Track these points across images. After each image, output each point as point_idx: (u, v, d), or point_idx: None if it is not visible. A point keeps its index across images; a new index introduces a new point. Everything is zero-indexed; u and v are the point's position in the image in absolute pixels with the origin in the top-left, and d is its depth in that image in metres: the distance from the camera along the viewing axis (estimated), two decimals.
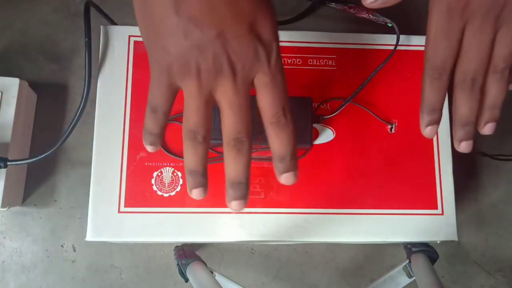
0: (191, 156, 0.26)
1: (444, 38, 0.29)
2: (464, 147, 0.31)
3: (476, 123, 0.30)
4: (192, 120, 0.25)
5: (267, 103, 0.26)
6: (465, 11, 0.28)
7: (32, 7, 0.54)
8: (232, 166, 0.25)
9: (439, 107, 0.30)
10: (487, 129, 0.31)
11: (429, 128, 0.31)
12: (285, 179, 0.26)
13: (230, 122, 0.25)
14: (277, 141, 0.26)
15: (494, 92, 0.30)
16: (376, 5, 0.36)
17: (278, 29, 0.26)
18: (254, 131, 0.37)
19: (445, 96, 0.30)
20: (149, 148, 0.27)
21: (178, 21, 0.23)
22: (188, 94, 0.25)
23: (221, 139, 0.37)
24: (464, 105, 0.30)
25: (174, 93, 0.26)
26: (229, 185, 0.26)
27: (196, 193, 0.26)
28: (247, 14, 0.24)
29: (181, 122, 0.40)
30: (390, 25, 0.41)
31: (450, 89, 0.31)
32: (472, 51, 0.29)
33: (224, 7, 0.23)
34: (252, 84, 0.25)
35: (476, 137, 0.30)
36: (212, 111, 0.26)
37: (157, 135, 0.27)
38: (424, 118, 0.31)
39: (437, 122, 0.31)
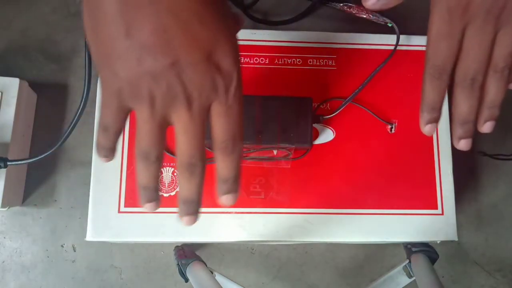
0: (144, 174, 0.26)
1: (444, 38, 0.29)
2: (463, 145, 0.31)
3: (475, 121, 0.31)
4: (144, 142, 0.25)
5: (219, 130, 0.26)
6: (466, 13, 0.29)
7: (32, 7, 0.54)
8: (185, 186, 0.26)
9: (439, 106, 0.31)
10: (486, 127, 0.31)
11: (428, 126, 0.31)
12: (225, 199, 0.27)
13: (184, 147, 0.25)
14: (222, 165, 0.26)
15: (494, 91, 0.30)
16: (377, 7, 0.36)
17: (239, 59, 0.25)
18: (253, 131, 0.37)
19: (445, 95, 0.31)
20: (103, 160, 0.27)
21: (130, 46, 0.22)
22: (140, 117, 0.24)
23: None
24: (464, 103, 0.30)
25: (126, 114, 0.25)
26: (181, 202, 0.26)
27: (149, 207, 0.27)
28: (204, 43, 0.23)
29: None
30: (390, 25, 0.41)
31: (450, 88, 0.31)
32: (472, 52, 0.29)
33: (179, 35, 0.22)
34: (208, 110, 0.25)
35: (476, 137, 0.31)
36: (166, 131, 0.25)
37: (109, 150, 0.27)
38: (424, 116, 0.31)
39: (436, 120, 0.31)
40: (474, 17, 0.29)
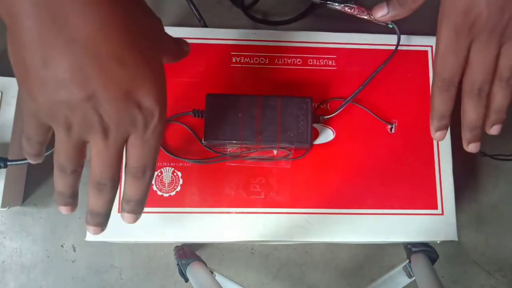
0: (60, 182, 0.27)
1: (452, 54, 0.32)
2: (472, 148, 0.34)
3: (483, 125, 0.34)
4: (61, 157, 0.26)
5: (133, 158, 0.26)
6: (471, 30, 0.31)
7: None
8: (93, 201, 0.27)
9: (448, 114, 0.34)
10: (494, 130, 0.34)
11: (439, 133, 0.35)
12: (126, 218, 0.28)
13: (96, 168, 0.26)
14: (128, 186, 0.27)
15: (500, 98, 0.33)
16: (387, 19, 0.39)
17: (163, 96, 0.26)
18: (253, 131, 0.37)
19: (453, 104, 0.33)
20: (31, 162, 0.28)
21: (46, 75, 0.22)
22: (57, 136, 0.25)
23: (221, 139, 0.38)
24: (472, 111, 0.33)
25: (47, 129, 0.26)
26: (89, 213, 0.28)
27: (64, 210, 0.28)
28: (122, 83, 0.23)
29: (181, 122, 0.41)
30: (391, 26, 0.41)
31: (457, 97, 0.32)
32: (478, 65, 0.32)
33: (95, 74, 0.23)
34: (125, 140, 0.26)
35: (482, 137, 0.33)
36: (84, 148, 0.26)
37: (35, 155, 0.28)
38: (434, 124, 0.34)
39: (446, 127, 0.35)
40: (479, 34, 0.31)
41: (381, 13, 0.39)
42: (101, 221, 0.28)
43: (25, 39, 0.22)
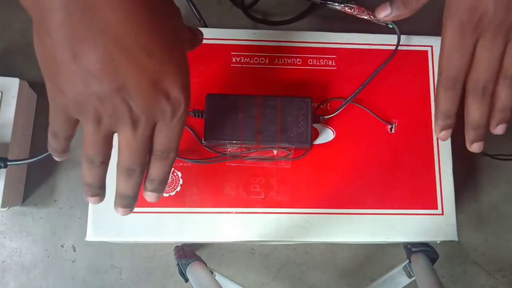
0: (89, 174, 0.28)
1: (457, 51, 0.31)
2: (475, 147, 0.34)
3: (487, 125, 0.33)
4: (90, 150, 0.26)
5: (159, 142, 0.27)
6: (477, 28, 0.30)
7: None
8: (122, 184, 0.28)
9: (453, 113, 0.33)
10: (499, 129, 0.34)
11: (443, 132, 0.34)
12: (149, 197, 0.30)
13: (126, 156, 0.27)
14: (153, 167, 0.28)
15: (504, 97, 0.33)
16: (390, 18, 0.39)
17: (188, 86, 0.26)
18: (253, 131, 0.37)
19: (458, 103, 0.33)
20: (57, 159, 0.29)
21: (76, 69, 0.23)
22: (86, 129, 0.25)
23: (221, 139, 0.38)
24: (476, 110, 0.33)
25: (75, 123, 0.26)
26: (118, 196, 0.28)
27: (92, 200, 0.29)
28: (151, 72, 0.24)
29: None
30: (391, 26, 0.41)
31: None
32: (483, 63, 0.31)
33: (125, 65, 0.23)
34: (153, 128, 0.26)
35: (486, 136, 0.33)
36: (112, 139, 0.27)
37: (62, 152, 0.28)
38: (439, 123, 0.34)
39: (451, 126, 0.34)
40: (485, 31, 0.31)
41: (384, 13, 0.38)
42: (130, 203, 0.29)
43: (54, 32, 0.22)
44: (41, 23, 0.22)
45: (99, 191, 0.29)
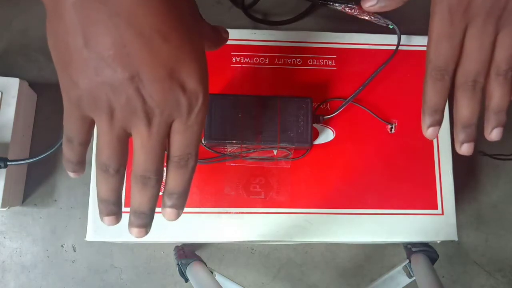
0: (103, 186, 0.25)
1: (446, 39, 0.29)
2: (465, 149, 0.30)
3: (478, 124, 0.30)
4: (104, 154, 0.24)
5: (174, 147, 0.25)
6: (467, 13, 0.28)
7: (32, 7, 0.54)
8: (136, 197, 0.25)
9: (441, 108, 0.30)
10: (494, 134, 0.30)
11: (431, 129, 0.31)
12: (167, 214, 0.27)
13: (140, 161, 0.24)
14: (171, 177, 0.26)
15: (499, 96, 0.30)
16: (375, 9, 0.37)
17: (206, 78, 0.25)
18: (253, 131, 0.37)
19: (447, 97, 0.30)
20: (71, 175, 0.27)
21: (88, 56, 0.21)
22: (99, 128, 0.24)
23: (221, 139, 0.38)
24: (466, 106, 0.30)
25: (89, 125, 0.25)
26: (132, 213, 0.26)
27: (108, 221, 0.26)
28: (166, 60, 0.22)
29: None
30: (391, 27, 0.41)
31: (451, 91, 0.31)
32: (474, 53, 0.29)
33: (139, 50, 0.22)
34: (169, 127, 0.24)
35: (476, 137, 0.31)
36: (127, 143, 0.25)
37: (76, 163, 0.26)
38: (426, 120, 0.31)
39: (439, 123, 0.31)
40: (475, 17, 0.28)
41: (369, 3, 0.36)
42: (147, 222, 0.26)
43: (67, 16, 0.21)
44: (54, 8, 0.21)
45: (116, 209, 0.26)
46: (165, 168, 0.26)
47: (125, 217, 0.39)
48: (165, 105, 0.23)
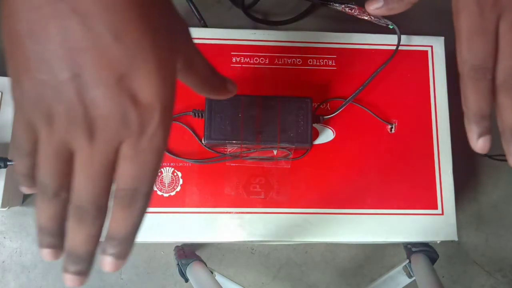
0: (41, 211, 0.20)
1: (480, 34, 0.26)
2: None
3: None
4: (41, 170, 0.20)
5: (121, 177, 0.20)
6: (497, 4, 0.26)
7: None
8: (70, 234, 0.20)
9: (489, 112, 0.27)
10: None
11: (482, 140, 0.27)
12: (104, 264, 0.20)
13: (78, 186, 0.20)
14: (113, 217, 0.21)
15: None
16: (381, 12, 0.35)
17: (170, 95, 0.20)
18: (253, 131, 0.37)
19: (492, 99, 0.27)
20: (23, 190, 0.23)
21: (31, 48, 0.18)
22: (39, 137, 0.20)
23: (221, 139, 0.38)
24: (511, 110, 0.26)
25: (34, 134, 0.20)
26: (66, 253, 0.21)
27: (45, 254, 0.21)
28: (116, 61, 0.18)
29: (181, 122, 0.41)
30: (391, 27, 0.41)
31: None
32: (511, 47, 0.26)
33: (82, 44, 0.18)
34: (117, 148, 0.20)
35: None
36: (67, 161, 0.20)
37: (24, 176, 0.22)
38: (474, 129, 0.27)
39: (489, 131, 0.27)
40: (507, 6, 0.26)
41: (375, 5, 0.35)
42: (82, 268, 0.20)
43: (11, 5, 0.18)
44: None
45: (54, 241, 0.21)
46: None
47: None
48: (110, 117, 0.19)
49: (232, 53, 0.43)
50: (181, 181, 0.40)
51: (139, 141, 0.19)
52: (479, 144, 0.27)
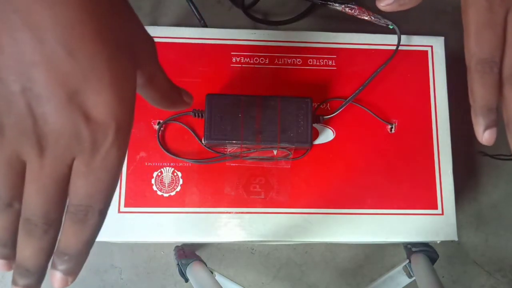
0: None
1: (488, 27, 0.26)
2: None
3: None
4: None
5: (73, 192, 0.20)
6: None
7: None
8: (19, 247, 0.20)
9: (495, 105, 0.27)
10: None
11: (488, 132, 0.27)
12: (54, 279, 0.20)
13: (28, 199, 0.19)
14: (63, 233, 0.20)
15: None
16: (392, 8, 0.33)
17: (127, 108, 0.20)
18: (253, 131, 0.37)
19: (499, 92, 0.27)
20: None
21: None
22: None
23: (221, 139, 0.38)
24: None
25: None
26: (15, 267, 0.20)
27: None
28: (68, 76, 0.18)
29: (181, 122, 0.41)
30: (391, 27, 0.41)
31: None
32: None
33: (34, 57, 0.17)
34: (70, 164, 0.19)
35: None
36: (19, 172, 0.19)
37: None
38: (481, 121, 0.26)
39: (496, 124, 0.27)
40: None
41: (386, 1, 0.33)
42: (31, 282, 0.20)
43: None
44: None
45: (7, 252, 0.20)
46: None
47: (127, 217, 0.39)
48: (61, 133, 0.18)
49: (232, 53, 0.43)
50: (181, 181, 0.40)
51: (92, 159, 0.19)
52: (485, 136, 0.27)
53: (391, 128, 0.42)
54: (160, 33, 0.42)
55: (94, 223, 0.20)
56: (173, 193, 0.40)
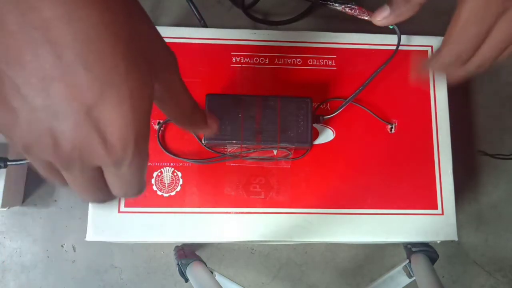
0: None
1: (475, 23, 0.26)
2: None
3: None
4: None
5: (111, 185, 0.22)
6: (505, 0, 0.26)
7: None
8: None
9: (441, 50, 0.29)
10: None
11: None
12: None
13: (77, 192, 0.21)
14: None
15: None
16: (390, 21, 0.34)
17: (144, 121, 0.20)
18: (253, 131, 0.37)
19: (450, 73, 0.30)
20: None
21: (8, 74, 0.18)
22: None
23: (221, 139, 0.38)
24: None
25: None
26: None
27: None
28: (84, 92, 0.18)
29: None
30: (391, 27, 0.41)
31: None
32: (496, 42, 0.27)
33: (53, 74, 0.17)
34: (97, 168, 0.21)
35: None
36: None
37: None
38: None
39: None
40: None
41: (383, 14, 0.34)
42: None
43: None
44: None
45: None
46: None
47: (127, 217, 0.39)
48: (81, 151, 0.19)
49: (232, 53, 0.43)
50: (181, 181, 0.40)
51: (117, 170, 0.20)
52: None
53: (391, 128, 0.42)
54: (160, 33, 0.42)
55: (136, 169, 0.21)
56: (173, 193, 0.40)
